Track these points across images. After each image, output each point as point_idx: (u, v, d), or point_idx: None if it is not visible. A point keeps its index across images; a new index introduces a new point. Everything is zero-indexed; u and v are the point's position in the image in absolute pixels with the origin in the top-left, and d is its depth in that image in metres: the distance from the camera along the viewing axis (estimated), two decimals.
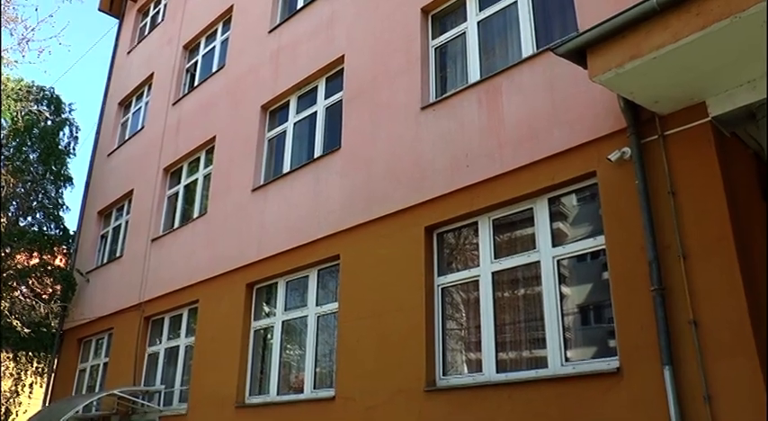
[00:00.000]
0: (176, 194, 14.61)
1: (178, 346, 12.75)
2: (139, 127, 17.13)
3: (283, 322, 10.52)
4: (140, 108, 17.77)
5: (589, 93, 7.07)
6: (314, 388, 9.56)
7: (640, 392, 6.09)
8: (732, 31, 5.28)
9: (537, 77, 7.86)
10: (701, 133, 6.37)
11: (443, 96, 8.99)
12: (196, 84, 15.32)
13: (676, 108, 6.50)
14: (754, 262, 6.15)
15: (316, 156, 10.79)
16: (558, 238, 7.39)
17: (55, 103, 18.85)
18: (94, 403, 13.43)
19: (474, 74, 8.83)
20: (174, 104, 15.63)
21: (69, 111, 19.31)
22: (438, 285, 8.28)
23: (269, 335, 10.78)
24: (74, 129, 19.16)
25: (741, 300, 5.75)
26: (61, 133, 18.62)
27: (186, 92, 15.59)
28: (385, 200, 9.08)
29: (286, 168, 11.39)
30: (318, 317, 9.91)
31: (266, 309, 11.08)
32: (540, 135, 7.56)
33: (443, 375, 7.89)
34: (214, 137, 13.49)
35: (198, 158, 14.21)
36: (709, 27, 5.29)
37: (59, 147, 18.31)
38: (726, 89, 6.11)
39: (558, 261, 7.26)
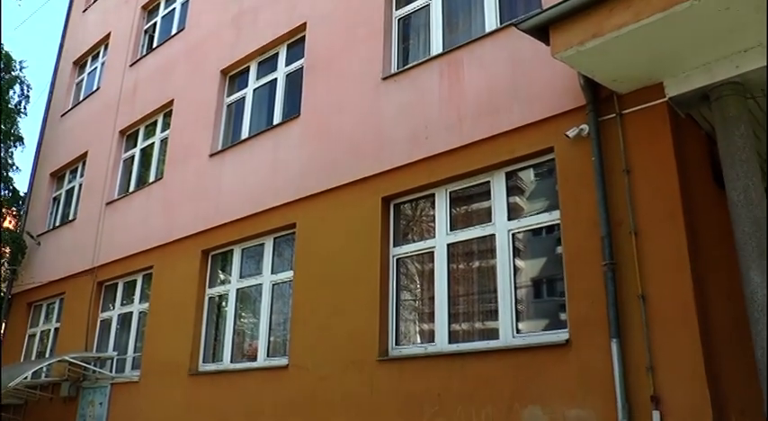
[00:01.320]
0: (132, 158, 14.34)
1: (131, 312, 12.61)
2: (95, 87, 16.69)
3: (238, 290, 10.48)
4: (96, 68, 17.29)
5: (550, 69, 7.08)
6: (267, 356, 9.56)
7: (588, 363, 6.24)
8: (691, 13, 5.36)
9: (499, 52, 7.85)
10: (658, 113, 6.46)
11: (405, 68, 8.93)
12: (155, 45, 14.97)
13: (634, 88, 6.58)
14: (701, 241, 6.31)
15: (275, 124, 10.66)
16: (513, 212, 7.45)
17: (4, 60, 18.26)
18: (44, 369, 13.20)
19: (436, 46, 8.78)
20: (131, 66, 15.25)
21: (20, 69, 18.84)
22: (393, 256, 8.31)
23: (223, 303, 10.72)
24: (25, 87, 18.71)
25: (687, 276, 5.92)
26: (11, 91, 18.12)
27: (144, 53, 15.22)
28: (343, 169, 9.04)
29: (245, 134, 11.24)
30: (273, 285, 9.88)
31: (221, 276, 11.00)
32: (500, 109, 7.57)
33: (396, 345, 7.96)
34: (172, 100, 13.23)
35: (155, 122, 13.93)
36: (669, 9, 5.35)
37: (9, 105, 17.78)
38: (683, 71, 6.22)
39: (513, 234, 7.33)
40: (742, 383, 6.14)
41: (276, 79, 11.16)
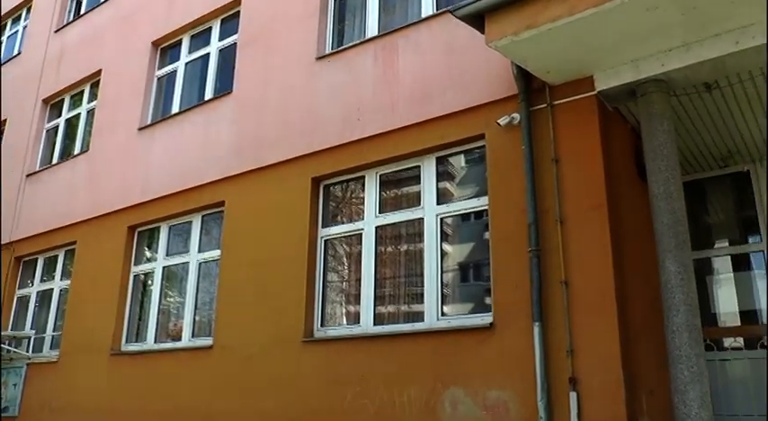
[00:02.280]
0: (56, 128, 13.69)
1: (52, 290, 12.09)
2: (16, 52, 15.82)
3: (164, 268, 10.17)
4: (17, 32, 16.37)
5: (484, 57, 7.07)
6: (192, 336, 9.33)
7: (510, 346, 6.31)
8: (622, 10, 5.44)
9: (435, 38, 7.80)
10: (587, 106, 6.55)
11: (340, 49, 8.78)
12: (83, 12, 14.24)
13: (566, 79, 6.64)
14: (624, 230, 6.45)
15: (206, 99, 10.35)
16: (443, 197, 7.45)
17: None
18: None
19: (372, 29, 8.66)
20: (56, 32, 14.49)
21: None
22: (322, 237, 8.20)
23: (149, 281, 10.39)
24: None
25: (608, 263, 6.05)
26: None
27: (71, 19, 14.45)
28: (274, 148, 8.85)
29: (175, 109, 10.87)
30: (200, 263, 9.63)
31: (147, 253, 10.65)
32: (433, 95, 7.54)
33: (321, 326, 7.88)
34: (100, 70, 12.65)
35: (81, 92, 13.32)
36: (602, 5, 5.40)
37: None
38: (612, 66, 6.33)
39: (442, 219, 7.33)
40: (653, 366, 6.32)
41: (209, 54, 10.83)
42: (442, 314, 7.05)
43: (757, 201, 8.65)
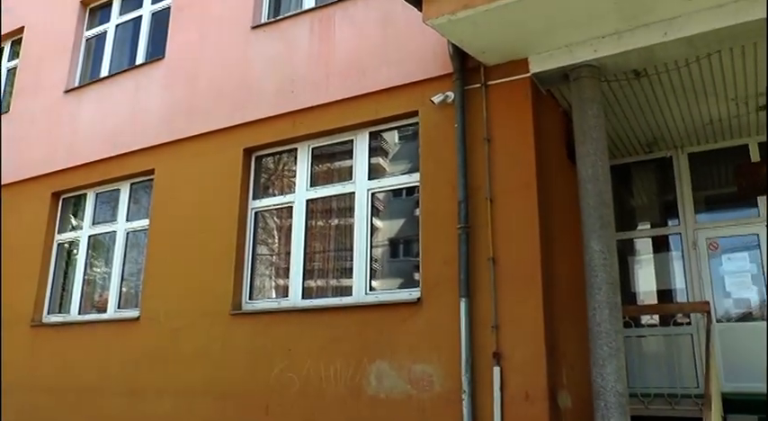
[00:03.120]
0: None
1: None
2: None
3: (90, 236, 9.75)
4: None
5: (421, 35, 6.95)
6: (118, 307, 9.00)
7: (437, 321, 6.31)
8: None
9: (372, 13, 7.65)
10: (521, 87, 6.55)
11: (276, 18, 8.52)
12: None
13: (501, 61, 6.62)
14: (551, 210, 6.52)
15: (137, 64, 9.92)
16: (374, 172, 7.36)
17: None
18: None
19: (309, 0, 8.46)
20: None
21: None
22: (252, 209, 8.00)
23: (74, 251, 9.96)
24: None
25: (536, 242, 6.09)
26: None
27: None
28: (206, 117, 8.55)
29: (104, 72, 10.37)
30: (128, 233, 9.28)
31: (73, 221, 10.20)
32: (369, 69, 7.40)
33: (250, 299, 7.72)
34: (22, 28, 11.93)
35: (1, 49, 12.57)
36: None
37: None
38: (547, 49, 6.38)
39: (373, 194, 7.26)
40: (574, 341, 6.47)
41: (141, 17, 10.36)
42: (371, 289, 7.00)
43: (677, 186, 8.94)
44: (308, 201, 7.67)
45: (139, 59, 10.00)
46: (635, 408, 6.76)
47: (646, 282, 9.22)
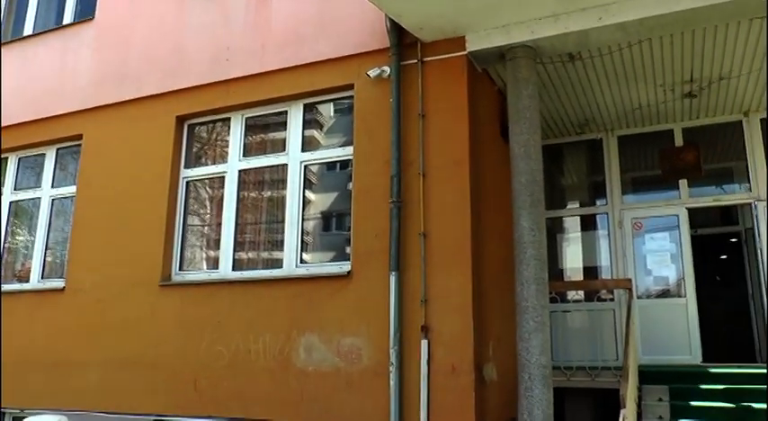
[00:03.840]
0: None
1: None
2: None
3: (12, 203, 9.29)
4: None
5: (359, 8, 6.86)
6: (42, 277, 8.63)
7: (367, 294, 6.29)
8: None
9: None
10: (457, 65, 6.52)
11: None
12: None
13: (438, 38, 6.57)
14: (483, 187, 6.55)
15: (65, 23, 9.43)
16: (308, 144, 7.23)
17: None
18: None
19: None
20: None
21: None
22: (184, 178, 7.76)
23: None
24: None
25: (466, 218, 6.10)
26: None
27: None
28: (138, 82, 8.22)
29: (28, 31, 9.83)
30: (53, 200, 8.89)
31: None
32: (306, 41, 7.24)
33: (180, 270, 7.52)
34: None
35: None
36: None
37: None
38: (484, 28, 6.37)
39: (306, 166, 7.13)
40: (501, 316, 6.54)
41: None
42: (302, 261, 6.91)
43: (606, 167, 9.12)
44: (240, 171, 7.49)
45: (67, 19, 9.50)
46: (557, 380, 6.93)
47: (573, 259, 9.43)
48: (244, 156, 7.52)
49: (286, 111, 7.36)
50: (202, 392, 6.81)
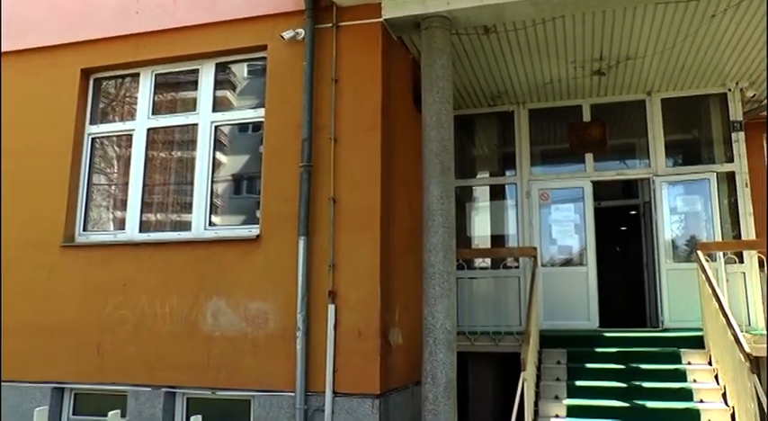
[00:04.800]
0: None
1: None
2: None
3: None
4: None
5: None
6: None
7: (275, 259, 6.17)
8: None
9: None
10: (372, 31, 6.40)
11: None
12: None
13: (354, 3, 6.43)
14: (394, 154, 6.49)
15: None
16: (220, 105, 6.97)
17: None
18: None
19: None
20: None
21: None
22: (89, 134, 7.33)
23: None
24: None
25: (376, 184, 6.06)
26: None
27: None
28: (40, 30, 7.62)
29: None
30: None
31: None
32: None
33: (84, 231, 7.16)
34: None
35: None
36: None
37: None
38: None
39: (217, 127, 6.88)
40: (408, 282, 6.56)
41: None
42: (211, 224, 6.70)
43: (516, 139, 9.23)
44: (149, 129, 7.14)
45: None
46: (462, 345, 7.02)
47: (481, 228, 9.55)
48: (153, 114, 7.17)
49: (198, 70, 7.04)
50: (105, 358, 6.53)
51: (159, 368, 6.36)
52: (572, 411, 6.36)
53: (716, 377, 6.56)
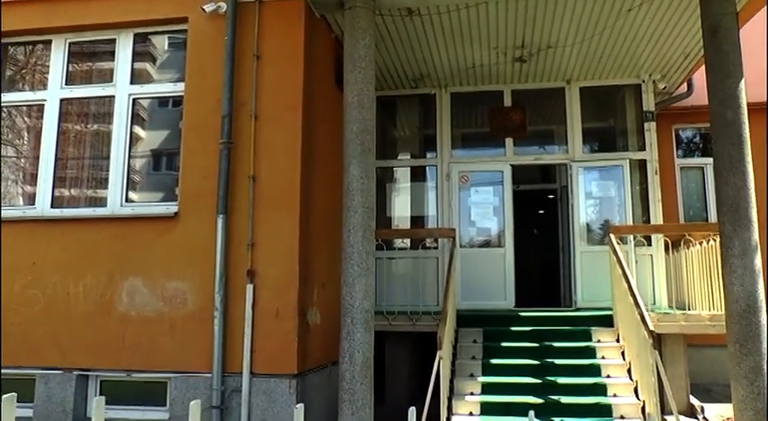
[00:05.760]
0: None
1: None
2: None
3: None
4: None
5: None
6: None
7: (193, 237, 6.03)
8: None
9: None
10: (295, 8, 6.30)
11: None
12: None
13: None
14: (315, 133, 6.43)
15: None
16: (138, 77, 6.70)
17: None
18: None
19: None
20: None
21: None
22: None
23: None
24: None
25: (296, 163, 6.00)
26: None
27: None
28: None
29: None
30: None
31: None
32: None
33: None
34: None
35: None
36: None
37: None
38: None
39: (135, 100, 6.62)
40: (327, 261, 6.56)
41: None
42: (127, 200, 6.47)
43: (438, 122, 9.29)
44: (62, 100, 6.78)
45: None
46: (380, 324, 7.05)
47: (401, 208, 9.60)
48: (67, 84, 6.82)
49: (115, 40, 6.73)
50: (13, 340, 6.19)
51: (71, 350, 6.12)
52: (486, 388, 6.50)
53: (622, 353, 6.84)
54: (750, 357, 5.09)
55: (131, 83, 6.64)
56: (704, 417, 7.20)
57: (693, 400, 7.50)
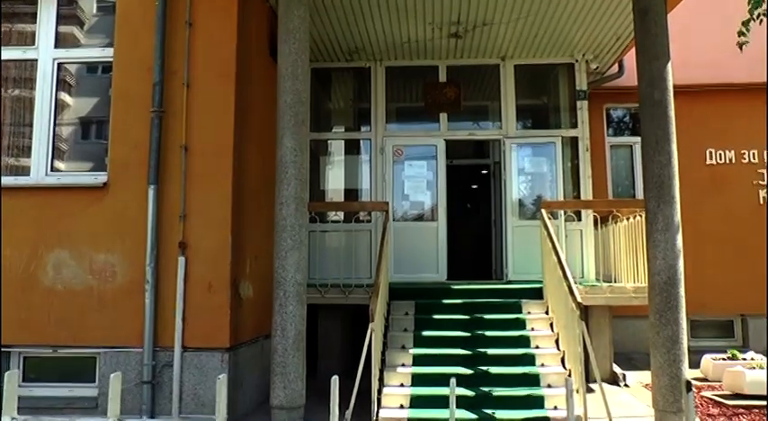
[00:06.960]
0: None
1: None
2: None
3: None
4: None
5: None
6: None
7: (123, 208, 5.95)
8: None
9: None
10: None
11: None
12: None
13: None
14: (249, 104, 6.41)
15: None
16: (64, 41, 6.48)
17: None
18: None
19: None
20: None
21: None
22: None
23: None
24: None
25: (229, 133, 5.98)
26: None
27: None
28: None
29: None
30: None
31: None
32: None
33: None
34: None
35: None
36: None
37: None
38: None
39: (60, 64, 6.41)
40: (260, 234, 6.57)
41: None
42: (53, 169, 6.28)
43: (372, 95, 9.33)
44: None
45: None
46: (312, 297, 7.11)
47: (335, 181, 9.64)
48: None
49: (37, 1, 6.47)
50: None
51: None
52: (417, 360, 6.64)
53: (551, 325, 7.08)
54: (669, 327, 5.40)
55: (56, 47, 6.41)
56: (625, 384, 7.61)
57: (616, 368, 7.90)
